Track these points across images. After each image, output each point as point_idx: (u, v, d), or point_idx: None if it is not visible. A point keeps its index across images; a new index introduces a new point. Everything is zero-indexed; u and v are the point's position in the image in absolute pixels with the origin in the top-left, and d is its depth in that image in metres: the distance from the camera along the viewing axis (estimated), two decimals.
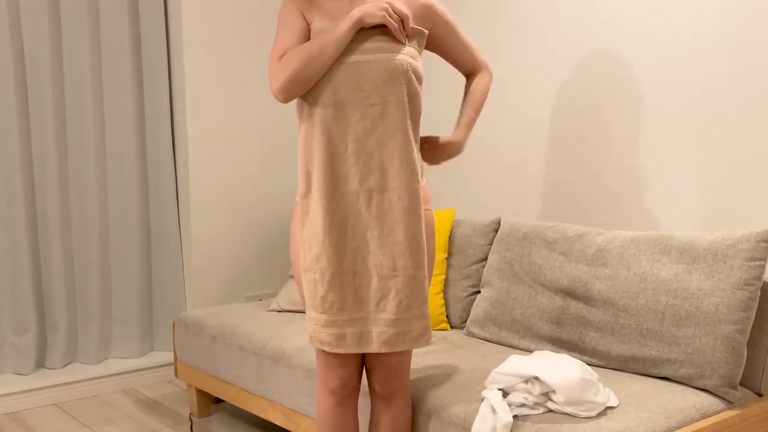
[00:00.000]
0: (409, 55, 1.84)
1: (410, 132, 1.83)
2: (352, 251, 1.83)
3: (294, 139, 3.78)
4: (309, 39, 1.86)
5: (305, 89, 1.82)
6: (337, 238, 1.83)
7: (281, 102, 1.85)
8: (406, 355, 1.93)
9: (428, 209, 1.96)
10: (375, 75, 1.79)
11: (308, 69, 1.78)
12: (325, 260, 1.83)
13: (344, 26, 1.79)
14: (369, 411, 2.12)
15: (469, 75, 2.12)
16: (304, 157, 1.86)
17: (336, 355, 1.91)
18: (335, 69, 1.80)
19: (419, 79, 1.86)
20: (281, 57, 1.83)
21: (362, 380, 2.10)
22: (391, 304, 1.82)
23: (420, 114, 1.88)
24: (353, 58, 1.80)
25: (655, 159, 2.53)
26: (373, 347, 1.84)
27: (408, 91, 1.82)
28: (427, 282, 1.87)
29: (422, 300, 1.84)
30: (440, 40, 2.01)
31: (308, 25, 1.87)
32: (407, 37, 1.84)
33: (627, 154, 2.61)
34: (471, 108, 2.05)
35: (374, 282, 1.83)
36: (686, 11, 2.41)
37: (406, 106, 1.82)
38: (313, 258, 1.85)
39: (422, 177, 1.92)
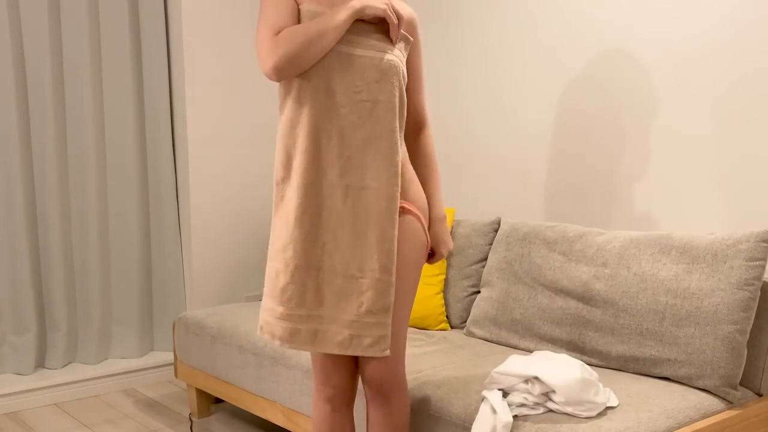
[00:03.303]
0: (398, 57, 1.81)
1: (398, 134, 1.79)
2: (321, 246, 1.78)
3: None
4: (299, 20, 1.80)
5: (299, 72, 1.75)
6: (308, 230, 1.77)
7: (273, 80, 1.77)
8: (398, 351, 1.85)
9: (413, 212, 1.88)
10: (368, 72, 1.76)
11: (306, 52, 1.72)
12: (292, 251, 1.77)
13: (344, 14, 1.74)
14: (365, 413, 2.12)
15: (417, 128, 2.00)
16: (286, 142, 1.79)
17: (331, 362, 1.88)
18: (329, 57, 1.75)
19: (405, 82, 1.84)
20: (276, 34, 1.76)
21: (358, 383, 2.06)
22: (351, 305, 1.75)
23: (405, 117, 1.84)
24: (347, 49, 1.76)
25: (656, 159, 2.53)
26: (327, 347, 1.78)
27: (399, 92, 1.80)
28: (392, 290, 1.77)
29: (383, 307, 1.76)
30: (410, 61, 1.94)
31: (297, 6, 1.80)
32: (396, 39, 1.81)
33: (628, 154, 2.61)
34: (437, 182, 1.98)
35: (338, 281, 1.77)
36: (686, 11, 2.41)
37: (396, 108, 1.79)
38: (280, 247, 1.79)
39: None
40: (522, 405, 1.83)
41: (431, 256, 1.98)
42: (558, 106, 2.81)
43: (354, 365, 1.93)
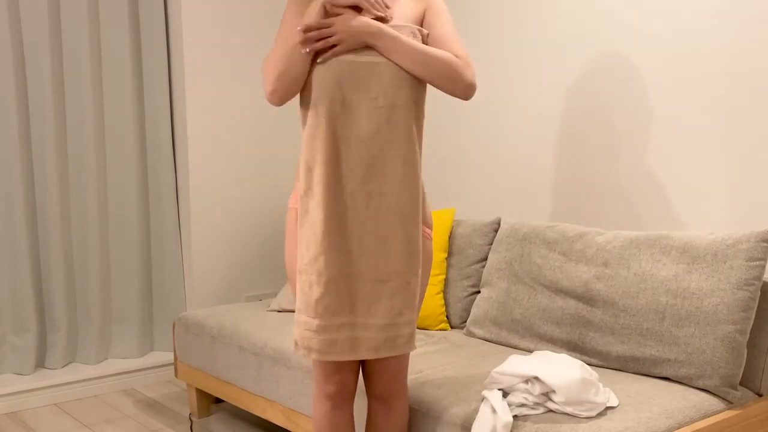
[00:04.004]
0: None
1: (415, 137, 1.81)
2: (348, 253, 1.80)
3: (294, 139, 3.78)
4: None
5: (295, 88, 1.79)
6: (336, 238, 1.79)
7: (275, 105, 1.82)
8: (404, 357, 1.92)
9: (426, 233, 1.93)
10: (383, 77, 1.77)
11: (291, 66, 1.76)
12: (324, 261, 1.78)
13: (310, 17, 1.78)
14: (365, 412, 2.12)
15: None
16: (307, 154, 1.82)
17: (333, 361, 1.89)
18: (343, 66, 1.77)
19: (424, 83, 1.85)
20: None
21: (358, 382, 2.09)
22: (382, 309, 1.78)
23: (424, 119, 1.86)
24: (360, 57, 1.77)
25: (656, 159, 2.53)
26: (362, 353, 1.80)
27: (415, 95, 1.81)
28: (419, 289, 1.84)
29: (413, 307, 1.82)
30: (427, 24, 1.89)
31: None
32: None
33: (628, 154, 2.61)
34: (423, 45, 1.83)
35: (367, 286, 1.79)
36: (690, 11, 2.41)
37: (413, 112, 1.80)
38: (310, 259, 1.80)
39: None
40: (522, 405, 1.83)
41: None
42: (558, 106, 2.81)
43: (357, 363, 1.94)
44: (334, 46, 1.77)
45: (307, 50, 1.77)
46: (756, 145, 2.27)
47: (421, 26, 1.89)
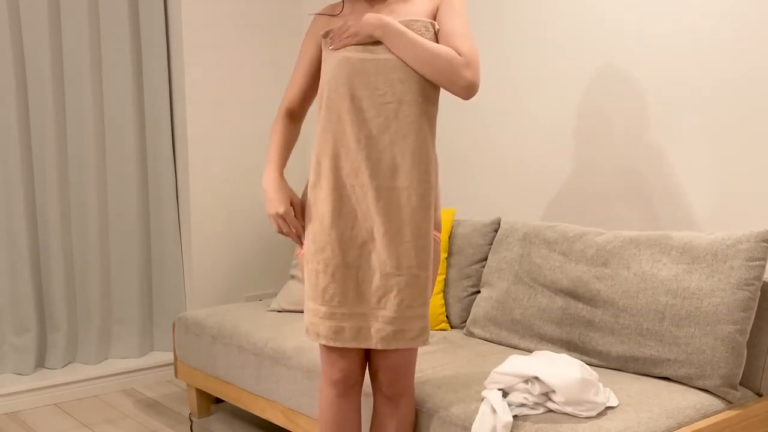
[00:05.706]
0: None
1: (425, 132, 1.83)
2: (358, 246, 1.83)
3: None
4: (318, 68, 1.97)
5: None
6: (344, 230, 1.83)
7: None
8: (411, 355, 1.92)
9: (436, 237, 1.94)
10: (391, 74, 1.80)
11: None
12: (330, 252, 1.83)
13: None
14: (371, 411, 2.12)
15: None
16: (318, 147, 1.87)
17: (338, 348, 1.90)
18: (353, 63, 1.81)
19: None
20: (281, 109, 2.02)
21: (365, 379, 2.09)
22: (392, 302, 1.81)
23: (436, 114, 1.87)
24: (369, 55, 1.81)
25: (656, 159, 2.53)
26: (371, 343, 1.83)
27: (424, 90, 1.82)
28: (430, 284, 1.86)
29: (423, 301, 1.83)
30: (439, 18, 1.88)
31: (319, 53, 1.95)
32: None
33: (628, 154, 2.61)
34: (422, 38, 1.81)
35: (377, 279, 1.82)
36: (689, 11, 2.41)
37: (422, 107, 1.82)
38: (317, 249, 1.85)
39: (437, 182, 1.91)
40: (522, 405, 1.83)
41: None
42: (558, 106, 2.81)
43: (363, 354, 1.96)
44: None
45: (331, 47, 1.86)
46: (758, 144, 2.27)
47: (435, 21, 1.90)
